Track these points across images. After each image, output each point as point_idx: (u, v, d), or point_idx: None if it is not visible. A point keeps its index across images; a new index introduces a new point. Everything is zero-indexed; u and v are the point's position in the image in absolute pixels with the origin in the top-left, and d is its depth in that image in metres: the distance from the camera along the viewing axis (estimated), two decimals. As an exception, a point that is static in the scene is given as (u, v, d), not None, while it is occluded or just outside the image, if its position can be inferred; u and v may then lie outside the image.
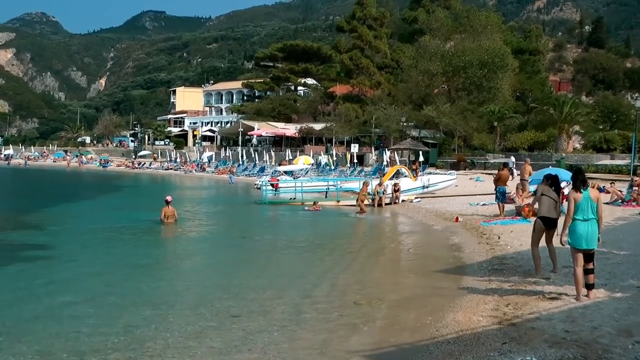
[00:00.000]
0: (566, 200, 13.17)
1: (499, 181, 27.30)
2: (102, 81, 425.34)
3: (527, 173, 29.34)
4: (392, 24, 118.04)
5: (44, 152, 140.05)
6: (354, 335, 11.38)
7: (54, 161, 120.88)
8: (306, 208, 36.29)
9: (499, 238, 21.01)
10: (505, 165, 31.46)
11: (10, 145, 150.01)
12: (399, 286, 15.93)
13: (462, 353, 9.63)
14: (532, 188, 32.09)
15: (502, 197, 27.19)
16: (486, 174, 55.96)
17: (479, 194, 38.14)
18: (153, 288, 15.89)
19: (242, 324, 12.17)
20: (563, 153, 65.16)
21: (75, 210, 37.34)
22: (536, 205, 16.29)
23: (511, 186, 29.71)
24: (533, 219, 17.61)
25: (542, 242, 14.87)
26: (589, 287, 11.99)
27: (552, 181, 15.03)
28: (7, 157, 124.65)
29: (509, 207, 27.75)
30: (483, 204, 31.92)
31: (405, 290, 15.34)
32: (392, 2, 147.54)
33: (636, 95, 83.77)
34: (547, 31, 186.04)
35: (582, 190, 11.96)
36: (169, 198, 28.10)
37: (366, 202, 36.25)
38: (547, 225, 14.64)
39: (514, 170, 47.85)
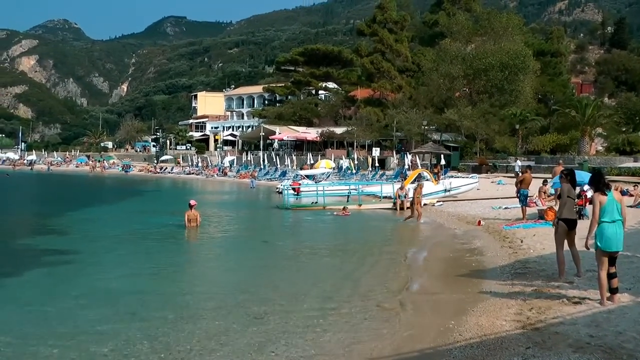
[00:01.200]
0: (590, 204, 13.10)
1: (522, 184, 27.21)
2: (124, 87, 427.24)
3: (559, 176, 29.18)
4: (412, 27, 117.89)
5: (67, 157, 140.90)
6: (377, 339, 11.38)
7: (76, 166, 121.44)
8: (335, 213, 35.88)
9: (521, 242, 20.94)
10: (529, 168, 31.34)
11: (34, 151, 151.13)
12: (421, 290, 15.92)
13: (485, 357, 9.61)
14: (553, 191, 32.11)
15: (524, 200, 27.09)
16: (508, 177, 55.76)
17: (501, 197, 37.97)
18: (175, 291, 15.97)
19: (264, 327, 12.22)
20: (586, 156, 64.73)
21: (99, 215, 37.52)
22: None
23: (533, 189, 29.59)
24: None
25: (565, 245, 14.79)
26: (613, 291, 11.92)
27: (570, 176, 14.89)
28: (30, 163, 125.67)
29: (531, 210, 27.64)
30: (505, 208, 31.83)
31: (428, 293, 15.35)
32: (413, 6, 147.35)
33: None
34: (568, 32, 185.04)
35: (606, 192, 11.90)
36: (192, 202, 28.22)
37: (387, 205, 36.27)
38: (569, 226, 14.55)
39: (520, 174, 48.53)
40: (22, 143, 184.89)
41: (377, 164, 76.96)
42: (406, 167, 66.74)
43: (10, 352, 10.98)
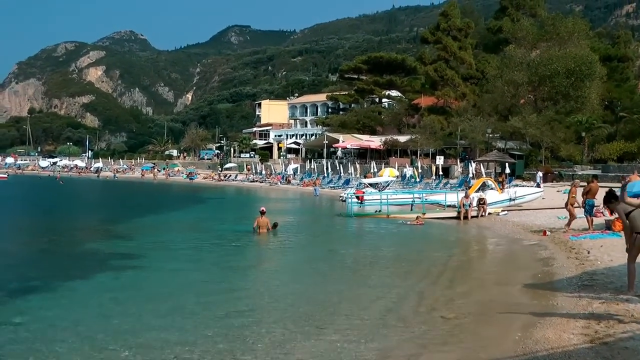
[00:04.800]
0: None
1: (589, 194, 26.80)
2: (189, 95, 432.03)
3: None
4: (476, 34, 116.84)
5: (132, 165, 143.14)
6: (442, 350, 11.39)
7: (141, 175, 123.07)
8: (408, 222, 35.67)
9: (588, 253, 20.60)
10: (595, 177, 30.85)
11: (100, 159, 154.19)
12: (487, 300, 15.82)
13: (552, 372, 9.53)
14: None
15: (590, 210, 26.70)
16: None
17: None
18: (241, 298, 16.20)
19: (328, 336, 12.31)
20: (655, 164, 63.45)
21: (165, 221, 38.14)
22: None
23: (600, 199, 29.12)
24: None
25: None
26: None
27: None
28: (97, 170, 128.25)
29: (598, 220, 27.22)
30: (571, 217, 31.38)
31: (493, 305, 15.21)
32: (477, 12, 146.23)
33: None
34: (636, 36, 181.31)
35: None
36: (263, 209, 28.70)
37: (451, 214, 36.11)
38: None
39: (541, 184, 48.98)
40: (89, 151, 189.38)
41: (440, 173, 76.51)
42: (470, 175, 66.31)
43: (79, 352, 11.29)
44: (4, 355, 11.28)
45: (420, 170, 78.22)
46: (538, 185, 52.20)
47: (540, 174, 61.09)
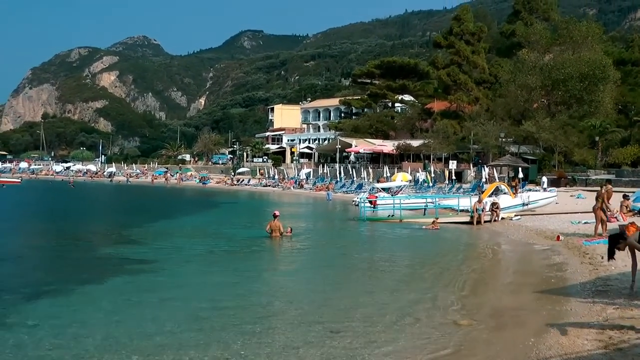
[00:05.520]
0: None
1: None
2: (202, 100, 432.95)
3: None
4: (489, 38, 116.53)
5: (144, 169, 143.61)
6: (456, 355, 11.38)
7: (155, 179, 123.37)
8: (424, 227, 35.60)
9: (602, 258, 20.43)
10: (609, 182, 30.74)
11: (113, 163, 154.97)
12: (499, 305, 15.81)
13: (566, 378, 9.50)
14: (638, 205, 31.40)
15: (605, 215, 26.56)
16: (587, 190, 54.67)
17: (581, 212, 37.20)
18: (254, 302, 16.26)
19: (342, 340, 12.34)
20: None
21: (178, 225, 38.32)
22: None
23: (614, 204, 29.01)
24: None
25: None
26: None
27: None
28: (110, 175, 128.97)
29: (612, 225, 27.07)
30: (585, 222, 31.21)
31: (506, 310, 15.22)
32: (490, 16, 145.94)
33: None
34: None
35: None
36: (276, 212, 28.77)
37: (464, 218, 36.08)
38: None
39: (547, 189, 49.21)
40: (103, 156, 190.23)
41: (453, 177, 76.34)
42: (483, 180, 66.16)
43: (94, 355, 11.39)
44: (19, 357, 11.34)
45: (433, 175, 78.04)
46: (544, 190, 52.03)
47: (544, 179, 60.93)
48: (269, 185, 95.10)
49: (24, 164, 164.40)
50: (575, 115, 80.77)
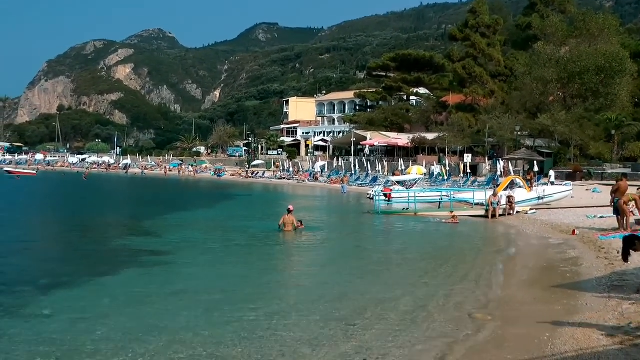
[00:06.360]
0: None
1: (617, 192, 26.47)
2: (217, 93, 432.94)
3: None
4: (505, 30, 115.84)
5: (160, 161, 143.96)
6: (470, 349, 11.35)
7: (169, 171, 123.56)
8: (443, 220, 35.55)
9: (618, 252, 20.29)
10: (625, 175, 30.51)
11: (128, 156, 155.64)
12: (514, 300, 15.80)
13: (581, 373, 9.46)
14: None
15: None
16: (603, 184, 54.40)
17: (596, 206, 37.02)
18: (269, 295, 16.33)
19: (356, 333, 12.37)
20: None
21: (192, 218, 38.40)
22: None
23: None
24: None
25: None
26: None
27: None
28: (126, 167, 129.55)
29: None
30: (601, 217, 31.10)
31: (521, 304, 15.20)
32: (506, 9, 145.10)
33: None
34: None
35: None
36: (291, 207, 28.84)
37: (479, 212, 35.99)
38: None
39: (555, 183, 48.87)
40: (118, 148, 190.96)
41: (469, 171, 76.25)
42: (498, 173, 65.99)
43: (109, 345, 11.44)
44: (36, 346, 11.45)
45: (448, 168, 77.91)
46: (552, 184, 51.84)
47: (552, 172, 60.71)
48: (284, 178, 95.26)
49: (39, 156, 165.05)
50: (591, 109, 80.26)
